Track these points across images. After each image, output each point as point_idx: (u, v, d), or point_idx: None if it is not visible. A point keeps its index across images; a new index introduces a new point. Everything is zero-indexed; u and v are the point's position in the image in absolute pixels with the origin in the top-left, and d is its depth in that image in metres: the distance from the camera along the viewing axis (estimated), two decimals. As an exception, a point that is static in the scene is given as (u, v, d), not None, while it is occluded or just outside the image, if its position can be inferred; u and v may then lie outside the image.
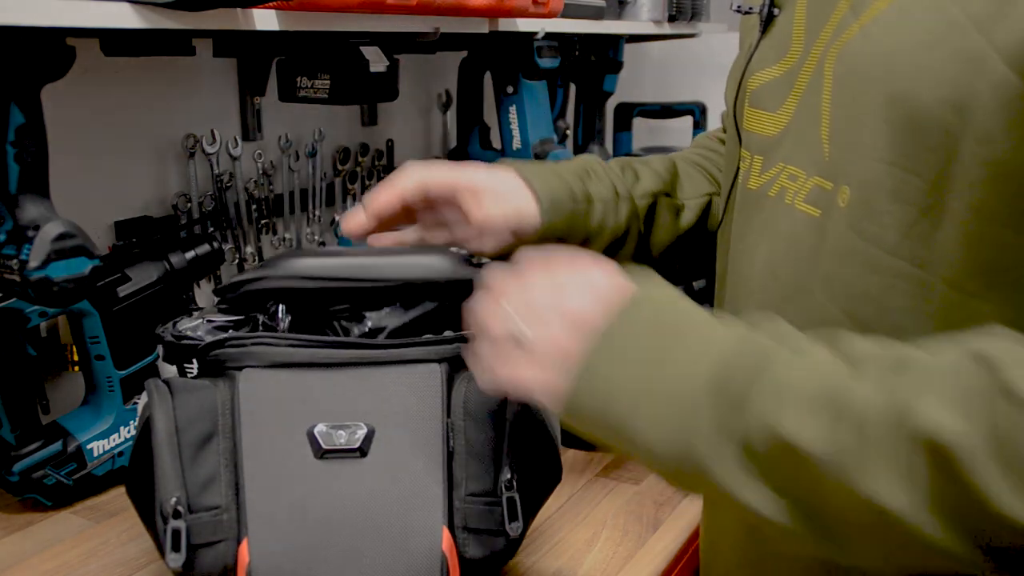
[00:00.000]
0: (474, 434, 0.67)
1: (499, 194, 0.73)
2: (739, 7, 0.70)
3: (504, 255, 0.72)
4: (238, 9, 0.82)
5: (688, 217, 0.82)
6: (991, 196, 0.46)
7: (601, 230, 0.76)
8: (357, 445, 0.65)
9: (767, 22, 0.64)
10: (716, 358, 0.46)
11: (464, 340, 0.71)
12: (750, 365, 0.45)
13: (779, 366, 0.45)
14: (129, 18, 0.74)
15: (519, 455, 0.68)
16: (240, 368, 0.67)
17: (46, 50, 0.74)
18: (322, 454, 0.65)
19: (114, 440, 0.89)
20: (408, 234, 0.78)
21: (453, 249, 0.75)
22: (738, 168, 0.67)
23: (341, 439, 0.66)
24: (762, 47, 0.64)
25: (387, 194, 0.73)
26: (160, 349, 0.74)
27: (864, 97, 0.51)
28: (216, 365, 0.69)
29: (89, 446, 0.87)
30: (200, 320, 0.74)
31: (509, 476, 0.67)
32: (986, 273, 0.48)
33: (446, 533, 0.65)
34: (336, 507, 0.64)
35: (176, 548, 0.62)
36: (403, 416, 0.67)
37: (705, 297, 0.99)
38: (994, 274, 0.48)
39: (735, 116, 0.68)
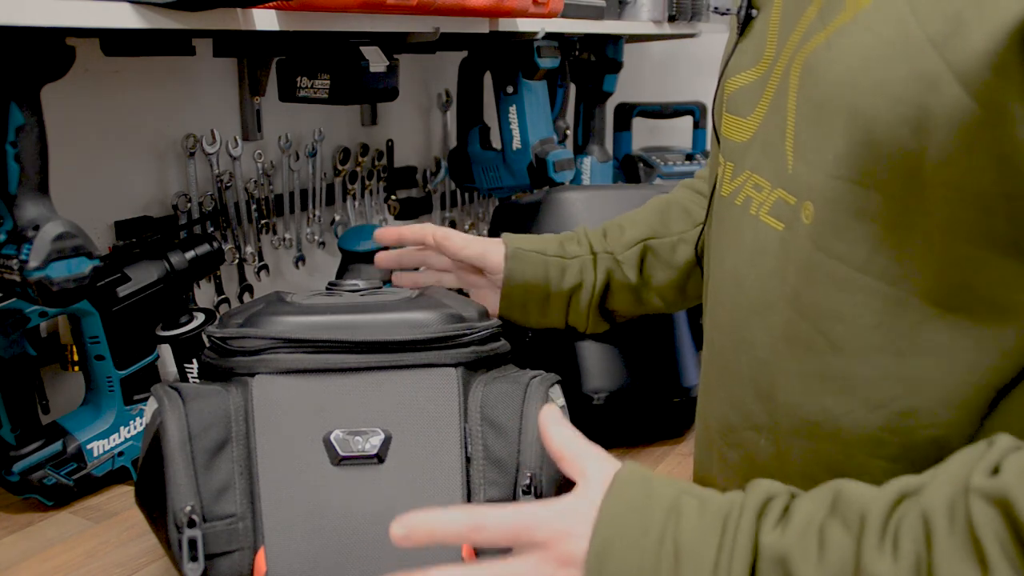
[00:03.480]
0: (492, 439, 0.67)
1: (470, 238, 0.88)
2: (716, 8, 0.70)
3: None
4: (238, 9, 0.82)
5: (686, 250, 0.85)
6: (958, 216, 0.46)
7: (579, 285, 0.86)
8: (375, 452, 0.65)
9: (744, 24, 0.63)
10: None
11: (479, 343, 0.71)
12: None
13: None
14: (129, 18, 0.74)
15: (537, 459, 0.67)
16: (252, 374, 0.67)
17: (46, 50, 0.74)
18: (339, 461, 0.64)
19: (114, 440, 0.89)
20: (426, 276, 0.93)
21: (448, 301, 0.75)
22: (717, 174, 0.67)
23: (358, 445, 0.65)
24: (739, 50, 0.63)
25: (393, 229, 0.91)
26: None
27: (826, 111, 0.50)
28: (227, 371, 0.68)
29: (89, 446, 0.87)
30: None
31: (527, 481, 0.66)
32: (962, 289, 0.47)
33: None
34: (354, 515, 0.64)
35: (194, 558, 0.61)
36: (420, 421, 0.66)
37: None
38: (970, 290, 0.47)
39: (714, 121, 0.68)
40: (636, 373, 0.97)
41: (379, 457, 0.65)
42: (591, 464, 0.52)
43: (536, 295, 0.86)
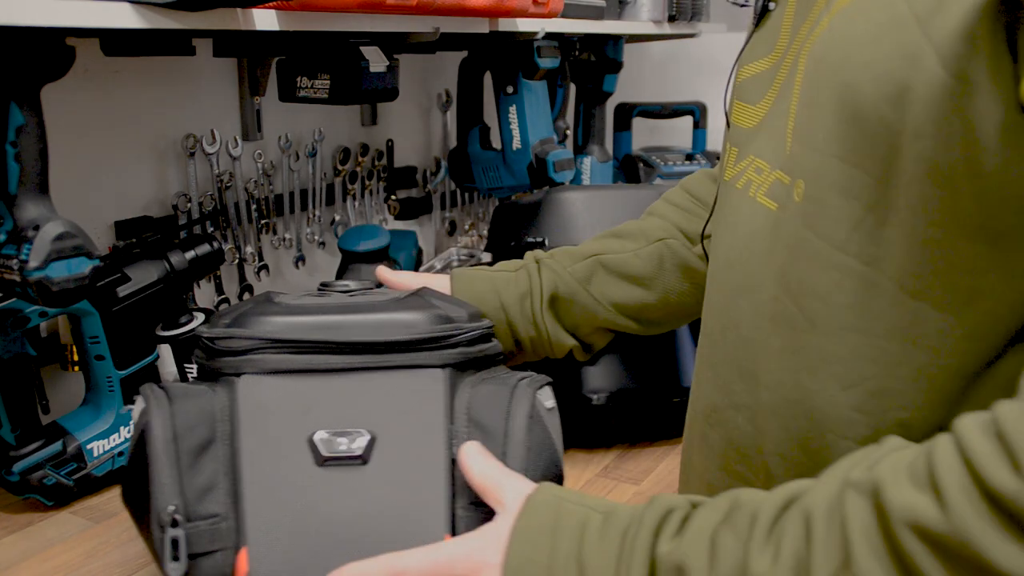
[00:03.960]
0: (478, 440, 0.67)
1: (416, 272, 0.91)
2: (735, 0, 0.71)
3: None
4: (238, 9, 0.82)
5: (638, 264, 0.86)
6: (927, 194, 0.46)
7: (527, 292, 0.85)
8: (359, 452, 0.64)
9: (760, 15, 0.65)
10: None
11: (468, 344, 0.71)
12: None
13: None
14: (129, 18, 0.74)
15: (522, 461, 0.66)
16: (239, 374, 0.67)
17: (46, 50, 0.74)
18: (323, 462, 0.64)
19: (114, 440, 0.89)
20: None
21: (436, 302, 0.74)
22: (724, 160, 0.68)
23: (342, 446, 0.64)
24: (755, 40, 0.65)
25: None
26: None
27: (821, 91, 0.51)
28: (214, 370, 0.68)
29: (89, 446, 0.87)
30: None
31: None
32: (927, 275, 0.48)
33: None
34: (337, 516, 0.63)
35: (175, 557, 0.61)
36: (405, 422, 0.66)
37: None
38: (934, 276, 0.48)
39: (726, 109, 0.69)
40: (636, 373, 0.97)
41: (363, 458, 0.64)
42: (508, 492, 0.58)
43: (491, 311, 0.85)
